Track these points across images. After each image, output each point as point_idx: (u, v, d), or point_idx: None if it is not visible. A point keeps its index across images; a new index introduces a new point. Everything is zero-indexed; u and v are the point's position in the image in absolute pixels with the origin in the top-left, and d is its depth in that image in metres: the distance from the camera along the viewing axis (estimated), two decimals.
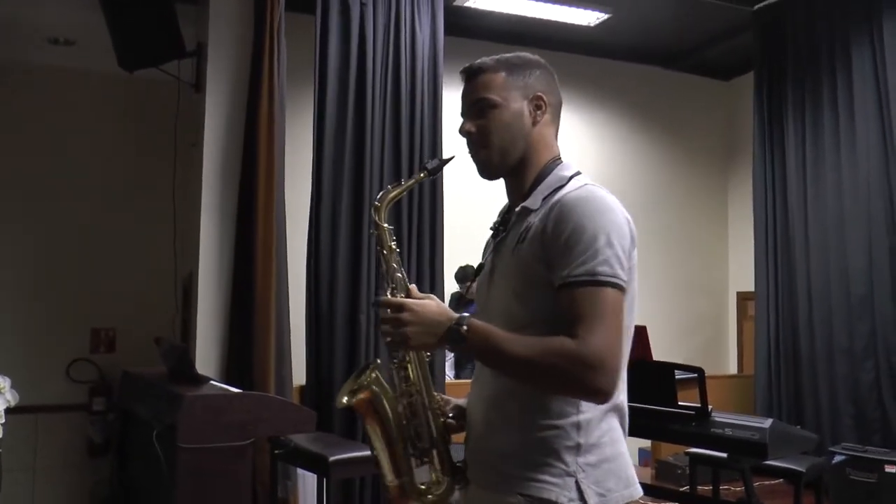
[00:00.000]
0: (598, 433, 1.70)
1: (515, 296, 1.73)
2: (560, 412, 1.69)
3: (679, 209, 7.81)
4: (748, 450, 3.23)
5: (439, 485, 1.81)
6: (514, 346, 1.61)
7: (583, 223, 1.65)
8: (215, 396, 3.35)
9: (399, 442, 1.80)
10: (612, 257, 1.63)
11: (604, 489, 1.68)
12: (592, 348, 1.57)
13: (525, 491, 1.67)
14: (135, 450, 4.09)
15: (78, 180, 5.91)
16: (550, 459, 1.68)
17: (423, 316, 1.65)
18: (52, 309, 5.73)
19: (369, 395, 1.79)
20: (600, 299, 1.61)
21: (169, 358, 4.02)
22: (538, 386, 1.67)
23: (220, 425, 3.19)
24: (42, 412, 5.49)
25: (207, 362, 4.84)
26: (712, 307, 7.90)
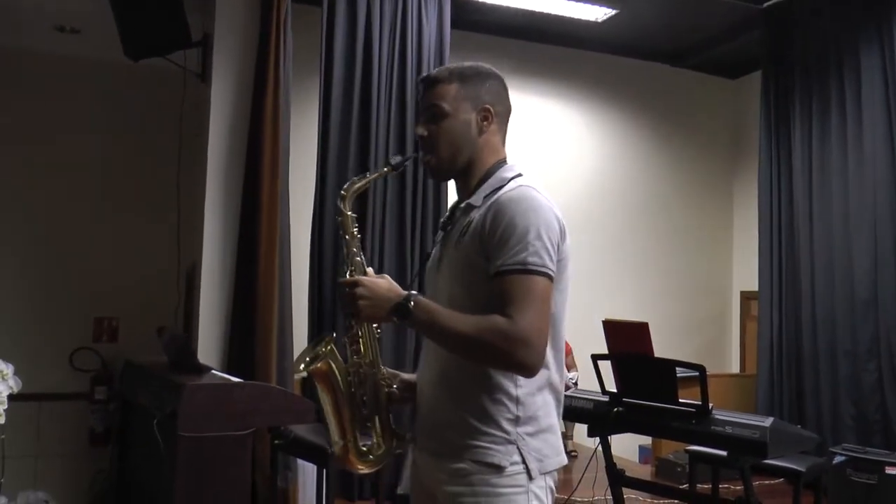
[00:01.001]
0: (534, 407, 1.91)
1: (458, 283, 1.93)
2: (500, 387, 1.89)
3: (683, 208, 7.81)
4: (748, 448, 3.23)
5: (379, 447, 2.03)
6: (453, 322, 1.82)
7: (515, 220, 1.85)
8: (216, 386, 3.36)
9: (347, 407, 1.99)
10: (541, 249, 1.83)
11: (541, 455, 1.90)
12: (521, 326, 1.77)
13: (473, 457, 1.88)
14: (136, 439, 4.11)
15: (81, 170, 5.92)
16: (492, 429, 1.88)
17: (374, 291, 1.85)
18: (55, 298, 5.75)
19: (325, 365, 1.96)
20: (530, 285, 1.81)
21: (171, 347, 4.03)
22: (473, 359, 1.86)
23: (221, 414, 3.20)
24: (44, 400, 5.51)
25: (209, 353, 4.86)
26: (715, 307, 7.90)
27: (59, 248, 5.80)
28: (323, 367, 1.97)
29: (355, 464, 2.02)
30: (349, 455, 2.01)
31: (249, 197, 4.99)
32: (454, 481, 1.89)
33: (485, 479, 1.86)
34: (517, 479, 1.87)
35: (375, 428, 2.03)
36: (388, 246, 5.45)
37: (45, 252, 5.76)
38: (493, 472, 1.86)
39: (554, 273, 1.86)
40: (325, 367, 1.97)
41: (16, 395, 3.84)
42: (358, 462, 2.02)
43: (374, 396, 2.02)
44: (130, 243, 5.88)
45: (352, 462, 2.02)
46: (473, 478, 1.87)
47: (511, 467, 1.86)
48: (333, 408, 1.99)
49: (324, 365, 1.97)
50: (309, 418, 3.48)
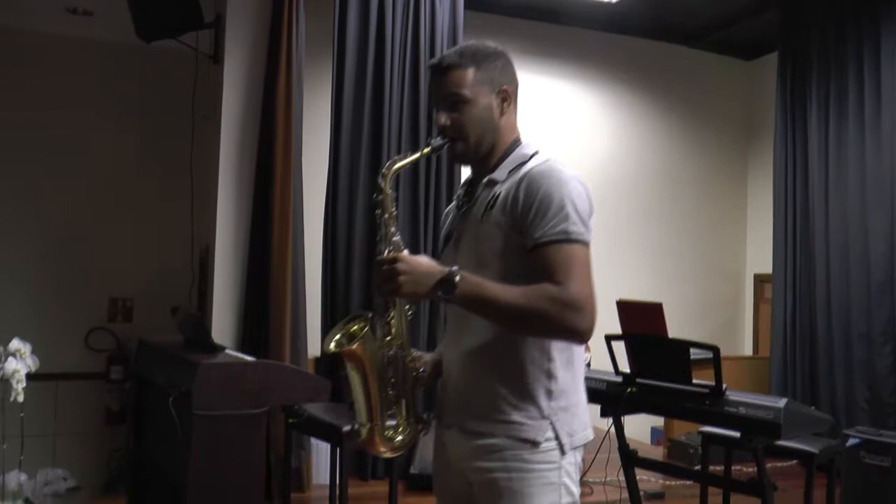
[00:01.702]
0: (565, 381, 1.92)
1: (481, 260, 1.91)
2: (534, 361, 1.90)
3: (698, 190, 7.78)
4: (762, 429, 3.21)
5: (404, 431, 2.01)
6: (502, 293, 1.78)
7: (550, 192, 1.85)
8: (230, 364, 3.37)
9: (376, 390, 1.96)
10: (578, 220, 1.84)
11: (571, 430, 1.92)
12: (572, 292, 1.77)
13: (507, 432, 1.88)
14: (151, 417, 4.14)
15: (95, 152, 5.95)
16: (527, 404, 1.88)
17: (415, 266, 1.79)
18: (70, 279, 5.79)
19: (359, 347, 1.93)
20: (574, 253, 1.81)
21: (185, 327, 4.06)
22: (524, 329, 1.85)
23: (235, 393, 3.21)
24: (61, 380, 5.57)
25: (223, 332, 4.89)
26: (729, 289, 7.88)
27: (73, 230, 5.84)
28: (357, 349, 1.93)
29: (381, 447, 2.00)
30: (375, 438, 1.98)
31: (262, 178, 5.01)
32: (486, 457, 1.89)
33: (518, 454, 1.87)
34: (550, 455, 1.87)
35: (401, 411, 2.00)
36: (402, 227, 5.46)
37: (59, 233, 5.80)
38: (527, 448, 1.87)
39: (589, 243, 1.86)
40: (360, 350, 1.93)
41: (34, 375, 3.88)
42: (383, 446, 1.99)
43: (402, 379, 1.99)
44: (144, 225, 5.91)
45: (377, 446, 1.99)
46: (507, 453, 1.87)
47: (545, 443, 1.87)
48: (363, 389, 1.96)
49: (359, 347, 1.93)
50: (323, 397, 3.50)
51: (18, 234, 5.69)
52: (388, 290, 1.80)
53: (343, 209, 5.33)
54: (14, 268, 5.63)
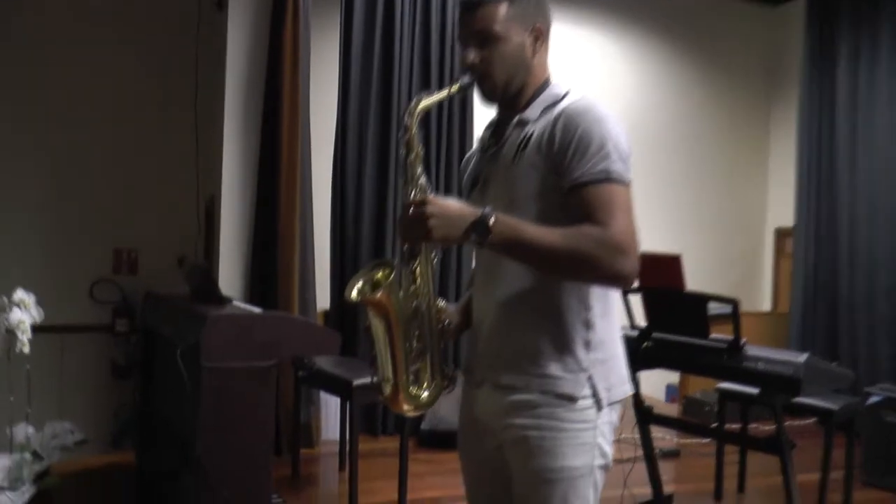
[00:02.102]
0: (603, 331, 1.87)
1: (514, 203, 1.84)
2: (571, 309, 1.84)
3: (718, 140, 7.71)
4: (781, 385, 3.21)
5: (429, 387, 1.94)
6: (541, 235, 1.71)
7: (590, 129, 1.78)
8: (239, 316, 3.38)
9: (400, 343, 1.89)
10: (619, 159, 1.78)
11: (609, 384, 1.86)
12: (616, 232, 1.71)
13: (542, 387, 1.83)
14: (158, 371, 4.18)
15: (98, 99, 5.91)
16: (565, 356, 1.83)
17: (446, 209, 1.71)
18: (73, 229, 5.79)
19: (384, 296, 1.86)
20: (616, 193, 1.76)
21: (192, 278, 4.08)
22: (564, 273, 1.78)
23: (244, 345, 3.21)
24: (66, 332, 5.60)
25: (230, 284, 4.93)
26: (749, 243, 7.85)
27: (77, 180, 5.82)
28: (382, 297, 1.86)
29: (404, 405, 1.92)
30: (399, 395, 1.91)
31: (269, 127, 5.00)
32: (519, 414, 1.84)
33: (553, 412, 1.81)
34: (586, 413, 1.82)
35: (426, 366, 1.93)
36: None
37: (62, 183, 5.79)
38: (563, 405, 1.81)
39: (631, 183, 1.80)
40: (385, 298, 1.86)
41: (38, 327, 3.91)
42: (407, 403, 1.92)
43: (428, 331, 1.92)
44: (148, 174, 5.89)
45: (401, 403, 1.92)
46: (541, 410, 1.82)
47: (582, 400, 1.81)
48: (387, 342, 1.89)
49: (383, 295, 1.86)
50: (333, 350, 3.51)
51: (20, 184, 5.69)
52: (416, 236, 1.73)
53: (352, 159, 5.32)
54: (12, 218, 5.64)
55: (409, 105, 1.87)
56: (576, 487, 1.83)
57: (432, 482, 4.62)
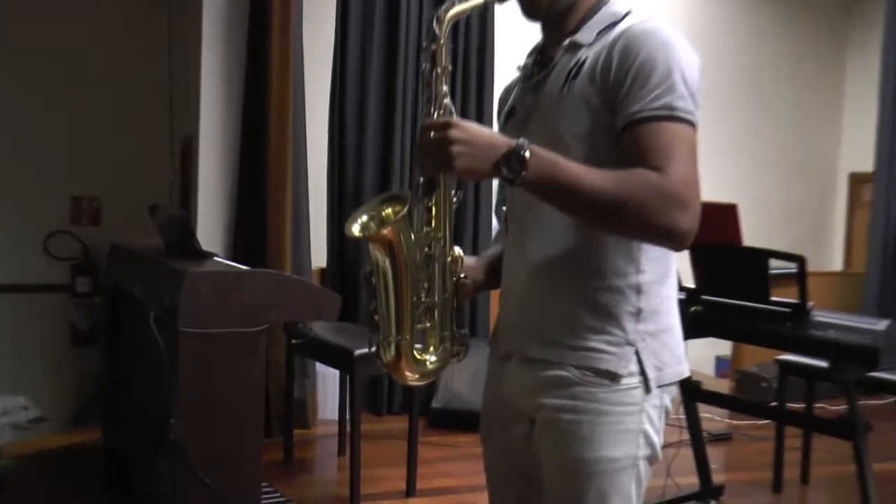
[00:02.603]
0: (657, 299, 1.81)
1: (557, 142, 1.77)
2: (618, 272, 1.79)
3: (785, 73, 7.67)
4: (855, 356, 3.17)
5: (436, 351, 1.89)
6: (587, 175, 1.65)
7: (654, 55, 1.71)
8: (222, 273, 3.38)
9: (407, 295, 1.84)
10: (687, 93, 1.71)
11: (660, 362, 1.81)
12: (676, 181, 1.63)
13: (580, 362, 1.79)
14: (128, 337, 4.20)
15: (57, 23, 5.88)
16: (609, 326, 1.78)
17: (475, 135, 1.66)
18: (24, 174, 5.78)
19: (392, 234, 1.80)
20: (679, 134, 1.68)
21: (167, 229, 4.09)
22: (610, 223, 1.71)
23: (228, 308, 3.22)
24: (17, 293, 5.63)
25: (211, 237, 4.96)
26: (817, 190, 7.83)
27: (31, 116, 5.81)
28: (390, 234, 1.79)
29: (406, 372, 1.88)
30: (402, 359, 1.86)
31: (255, 54, 4.97)
32: (552, 393, 1.81)
33: (592, 392, 1.78)
34: (632, 394, 1.79)
35: (434, 327, 1.88)
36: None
37: (13, 119, 5.78)
38: (605, 384, 1.78)
39: (698, 123, 1.73)
40: (393, 236, 1.80)
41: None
42: (410, 369, 1.88)
43: (440, 284, 1.87)
44: (112, 109, 5.88)
45: (403, 370, 1.88)
46: (577, 389, 1.79)
47: (627, 378, 1.77)
48: (392, 292, 1.84)
49: (391, 233, 1.79)
50: (331, 314, 3.52)
51: None
52: (436, 165, 1.68)
53: (353, 87, 5.33)
54: None
55: (438, 11, 1.80)
56: (616, 482, 1.80)
57: (446, 469, 4.67)
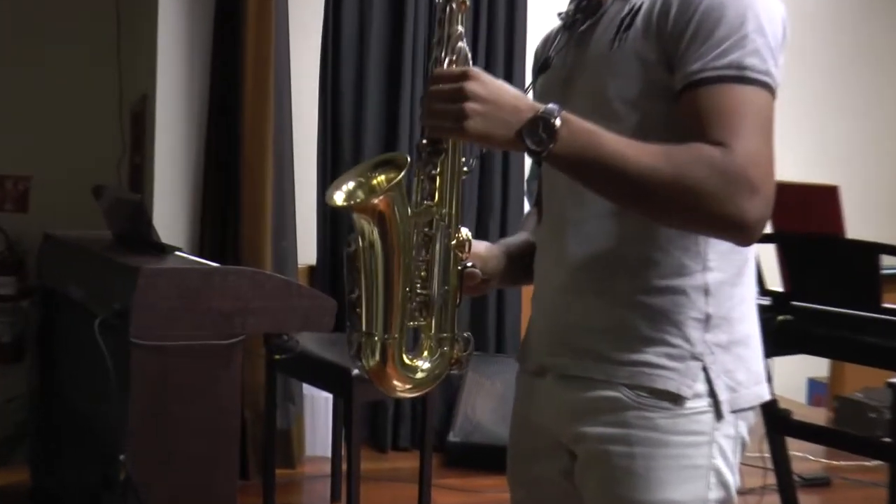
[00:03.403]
0: (728, 303, 1.80)
1: (605, 108, 1.78)
2: (681, 269, 1.78)
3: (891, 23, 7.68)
4: None
5: (431, 356, 1.89)
6: (632, 152, 1.64)
7: (723, 2, 1.69)
8: (186, 272, 3.41)
9: (399, 284, 1.83)
10: (763, 48, 1.68)
11: (734, 381, 1.79)
12: (744, 160, 1.62)
13: (632, 380, 1.78)
14: (65, 351, 4.21)
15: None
16: (669, 335, 1.77)
17: (496, 93, 1.65)
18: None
19: (384, 204, 1.78)
20: (751, 101, 1.67)
21: (115, 216, 4.09)
22: (658, 210, 1.70)
23: (194, 314, 3.24)
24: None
25: (172, 225, 4.98)
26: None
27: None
28: (381, 206, 1.78)
29: (394, 380, 1.87)
30: (388, 364, 1.84)
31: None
32: (598, 419, 1.80)
33: (648, 418, 1.77)
34: (699, 421, 1.77)
35: (430, 325, 1.88)
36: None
37: None
38: (665, 407, 1.76)
39: (777, 88, 1.71)
40: (385, 207, 1.78)
41: None
42: (397, 377, 1.86)
43: (441, 273, 1.86)
44: (46, 68, 5.89)
45: (388, 377, 1.86)
46: (630, 415, 1.77)
47: (693, 401, 1.76)
48: (381, 279, 1.83)
49: (382, 204, 1.78)
50: (323, 323, 3.53)
51: None
52: (445, 124, 1.68)
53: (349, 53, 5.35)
54: None
55: None
56: None
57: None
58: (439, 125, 1.69)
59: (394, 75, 5.50)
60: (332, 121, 5.43)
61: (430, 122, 1.70)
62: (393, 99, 5.51)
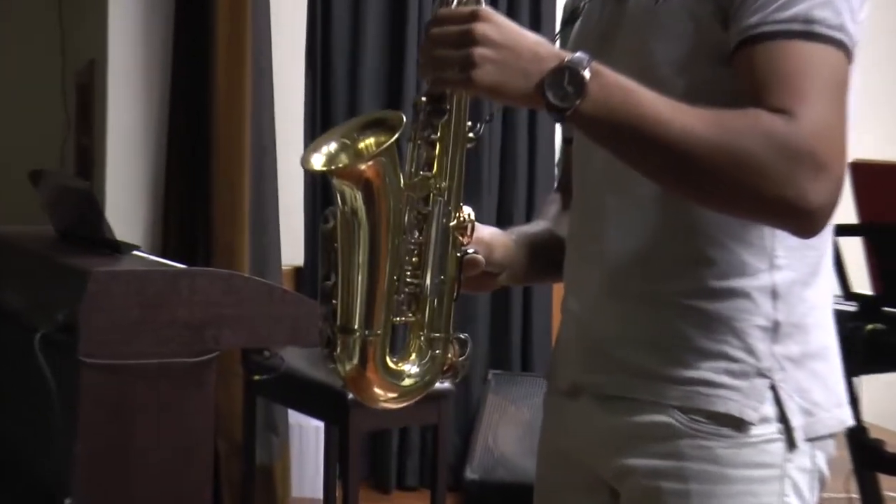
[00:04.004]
0: (801, 308, 1.78)
1: (653, 70, 1.76)
2: (743, 268, 1.76)
3: None
4: None
5: (420, 359, 1.88)
6: (677, 116, 1.60)
7: None
8: (147, 275, 3.40)
9: (385, 270, 1.82)
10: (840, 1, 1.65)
11: (809, 402, 1.76)
12: (811, 130, 1.57)
13: (685, 402, 1.76)
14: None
15: None
16: (729, 347, 1.75)
17: (512, 37, 1.62)
18: None
19: (372, 171, 1.77)
20: (821, 61, 1.63)
21: (59, 208, 4.09)
22: (705, 191, 1.67)
23: (156, 326, 3.24)
24: None
25: (127, 220, 4.95)
26: None
27: None
28: (368, 173, 1.77)
29: (374, 386, 1.86)
30: (368, 366, 1.83)
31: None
32: (644, 448, 1.80)
33: (706, 448, 1.75)
34: (767, 451, 1.75)
35: (421, 322, 1.88)
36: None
37: None
38: (725, 435, 1.75)
39: (853, 47, 1.67)
40: (372, 177, 1.77)
41: None
42: (379, 382, 1.85)
43: (437, 259, 1.86)
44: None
45: (368, 382, 1.85)
46: (684, 444, 1.76)
47: (759, 427, 1.74)
48: (364, 262, 1.82)
49: (369, 171, 1.77)
50: (313, 336, 3.50)
51: None
52: (447, 75, 1.66)
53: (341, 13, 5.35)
54: None
55: None
56: None
57: None
58: (441, 76, 1.67)
59: (396, 43, 5.51)
60: (321, 98, 5.42)
61: (431, 73, 1.68)
62: (395, 72, 5.52)
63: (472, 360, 1.94)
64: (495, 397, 5.44)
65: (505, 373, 5.52)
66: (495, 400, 5.44)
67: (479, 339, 5.45)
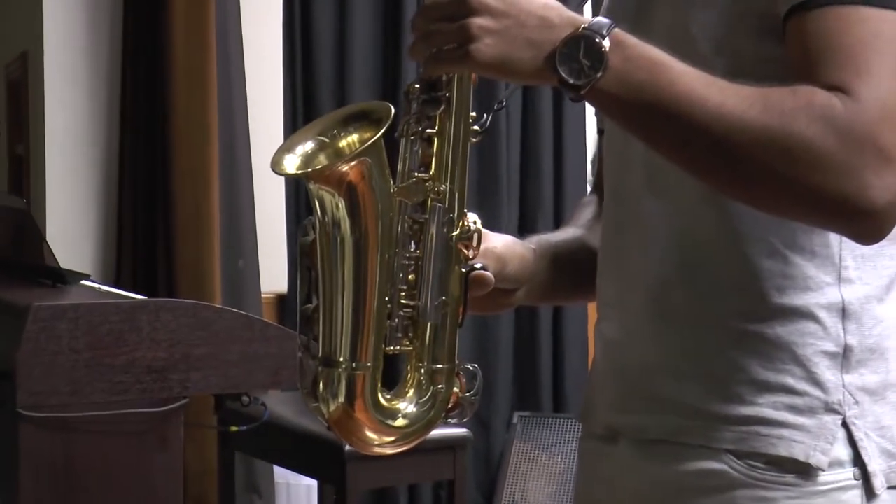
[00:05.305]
0: (878, 328, 1.77)
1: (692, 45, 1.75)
2: (805, 282, 1.75)
3: None
4: None
5: (417, 395, 1.87)
6: (714, 92, 1.59)
7: None
8: (97, 308, 3.40)
9: (374, 291, 1.83)
10: None
11: (890, 442, 1.76)
12: (875, 113, 1.56)
13: (741, 445, 1.74)
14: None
15: None
16: (791, 378, 1.74)
17: (514, 1, 1.61)
18: None
19: (358, 174, 1.78)
20: (889, 30, 1.61)
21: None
22: (746, 183, 1.65)
23: (111, 371, 3.24)
24: None
25: (74, 243, 4.97)
26: None
27: None
28: (351, 175, 1.78)
29: (364, 430, 1.86)
30: (359, 403, 1.83)
31: None
32: (695, 501, 1.80)
33: (766, 499, 1.75)
34: (840, 501, 1.74)
35: (420, 352, 1.87)
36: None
37: None
38: (789, 483, 1.75)
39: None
40: (356, 179, 1.79)
41: None
42: (370, 425, 1.85)
43: (436, 277, 1.85)
44: None
45: (357, 424, 1.85)
46: (740, 495, 1.75)
47: (830, 473, 1.73)
48: (348, 285, 1.83)
49: (353, 172, 1.78)
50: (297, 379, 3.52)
51: None
52: (443, 53, 1.66)
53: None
54: None
55: None
56: None
57: None
58: (436, 55, 1.66)
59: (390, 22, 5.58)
60: (303, 98, 5.43)
61: (424, 52, 1.67)
62: (389, 62, 5.57)
63: (495, 400, 1.95)
64: (522, 444, 5.44)
65: (533, 415, 5.53)
66: (522, 448, 5.44)
67: (502, 375, 5.45)
